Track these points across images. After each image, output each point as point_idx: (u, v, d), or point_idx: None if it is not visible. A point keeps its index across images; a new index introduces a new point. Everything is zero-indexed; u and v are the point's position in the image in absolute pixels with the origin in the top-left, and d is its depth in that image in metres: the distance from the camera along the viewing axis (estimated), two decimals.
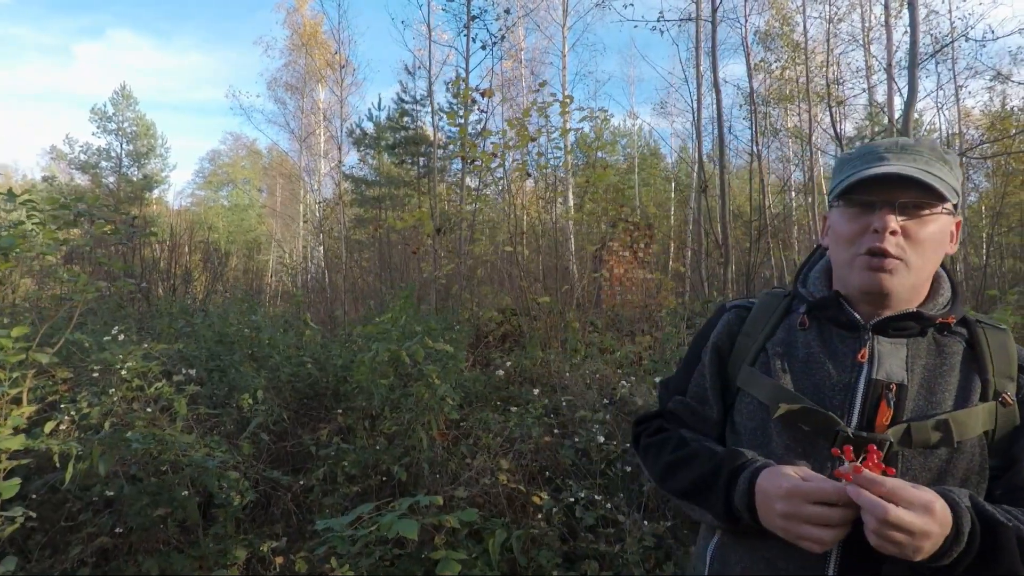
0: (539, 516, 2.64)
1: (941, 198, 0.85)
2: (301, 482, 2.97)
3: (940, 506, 0.70)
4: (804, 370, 0.92)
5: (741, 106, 14.37)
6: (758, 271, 8.37)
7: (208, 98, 77.10)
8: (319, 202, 14.05)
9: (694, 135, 11.07)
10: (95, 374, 2.90)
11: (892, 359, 0.87)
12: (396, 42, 33.39)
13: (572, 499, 2.65)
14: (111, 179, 26.66)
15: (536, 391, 3.63)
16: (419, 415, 3.04)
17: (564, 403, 3.58)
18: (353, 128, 15.72)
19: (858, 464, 0.73)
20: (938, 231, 0.87)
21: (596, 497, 2.68)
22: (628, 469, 2.99)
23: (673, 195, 21.34)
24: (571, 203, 11.58)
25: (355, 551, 2.38)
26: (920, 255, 0.86)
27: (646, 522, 2.63)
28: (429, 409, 2.98)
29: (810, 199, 14.66)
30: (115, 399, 2.69)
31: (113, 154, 27.09)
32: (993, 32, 13.16)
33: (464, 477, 3.04)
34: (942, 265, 0.96)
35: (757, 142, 10.60)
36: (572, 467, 3.16)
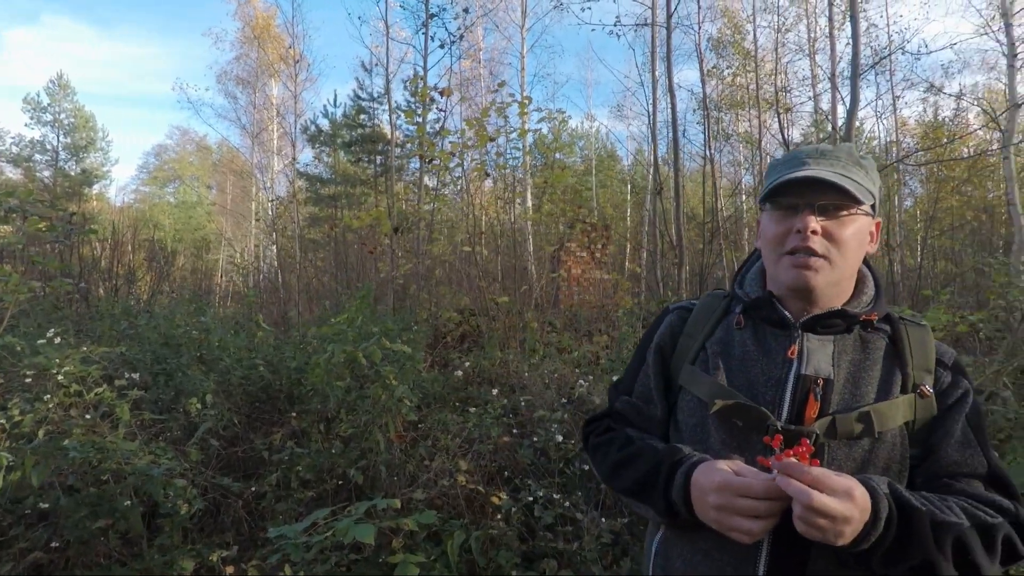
0: (498, 516, 2.64)
1: (856, 200, 0.90)
2: (253, 488, 2.87)
3: (860, 492, 0.74)
4: (740, 367, 0.96)
5: (695, 111, 14.76)
6: (711, 271, 8.60)
7: (154, 91, 73.96)
8: (272, 200, 13.65)
9: (650, 138, 11.29)
10: (28, 379, 2.74)
11: (820, 355, 0.92)
12: (353, 38, 32.94)
13: (531, 498, 2.65)
14: (46, 173, 25.25)
15: (495, 391, 3.63)
16: (376, 417, 2.99)
17: (523, 403, 3.59)
18: (308, 125, 15.36)
19: (784, 452, 0.77)
20: (857, 231, 0.92)
21: (554, 496, 2.69)
22: (586, 467, 3.02)
23: (629, 197, 21.71)
24: (530, 204, 11.63)
25: (310, 558, 2.32)
26: (841, 253, 0.91)
27: (603, 519, 2.66)
28: (386, 411, 2.94)
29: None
30: (50, 406, 2.54)
31: (48, 147, 25.66)
32: (927, 46, 13.91)
33: (422, 479, 3.01)
34: (868, 265, 1.02)
35: (710, 146, 10.90)
36: (531, 466, 3.17)
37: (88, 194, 25.96)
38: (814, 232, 0.89)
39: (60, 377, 2.63)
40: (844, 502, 0.72)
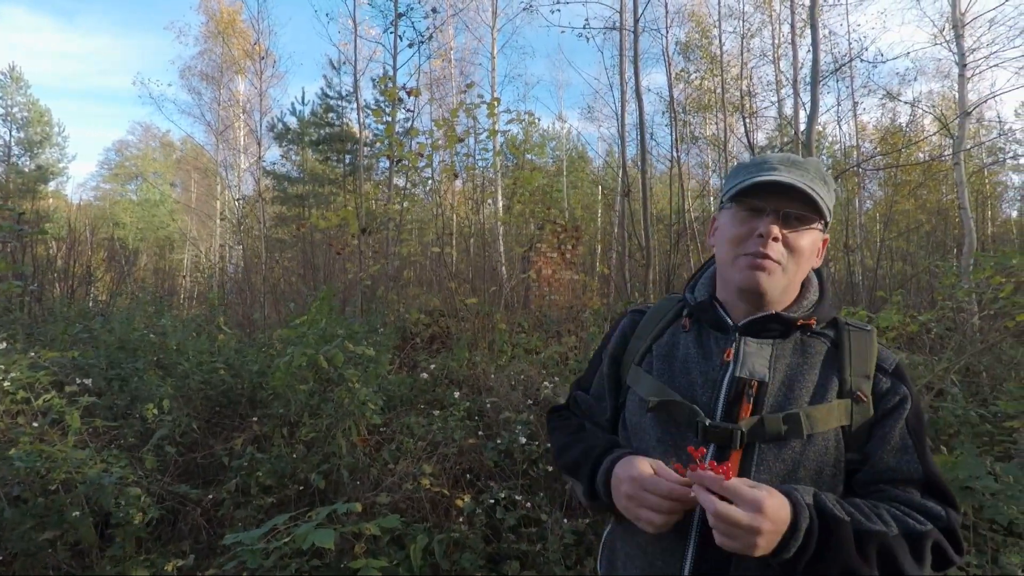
0: (460, 519, 2.64)
1: (820, 213, 0.93)
2: (211, 495, 2.81)
3: (772, 504, 0.75)
4: (682, 369, 0.99)
5: (663, 113, 14.95)
6: (678, 272, 8.73)
7: (115, 85, 71.54)
8: (238, 199, 13.36)
9: (619, 140, 11.40)
10: None
11: (756, 358, 0.94)
12: (320, 35, 32.39)
13: (492, 500, 2.66)
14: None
15: (457, 393, 3.62)
16: (339, 421, 2.96)
17: (488, 405, 3.59)
18: (275, 122, 15.06)
19: (701, 464, 0.79)
20: (810, 244, 0.95)
21: (517, 497, 2.70)
22: (550, 468, 3.04)
23: (600, 198, 21.89)
24: (500, 205, 11.66)
25: (269, 565, 2.28)
26: (795, 263, 0.94)
27: (566, 520, 2.68)
28: (350, 414, 2.91)
29: None
30: None
31: (0, 142, 24.63)
32: (883, 55, 14.36)
33: (386, 483, 2.99)
34: (818, 272, 1.05)
35: (677, 148, 11.06)
36: (496, 468, 3.17)
37: (43, 191, 25.00)
38: (775, 239, 0.91)
39: (6, 384, 2.54)
40: (752, 514, 0.74)
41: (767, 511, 0.74)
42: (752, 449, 0.89)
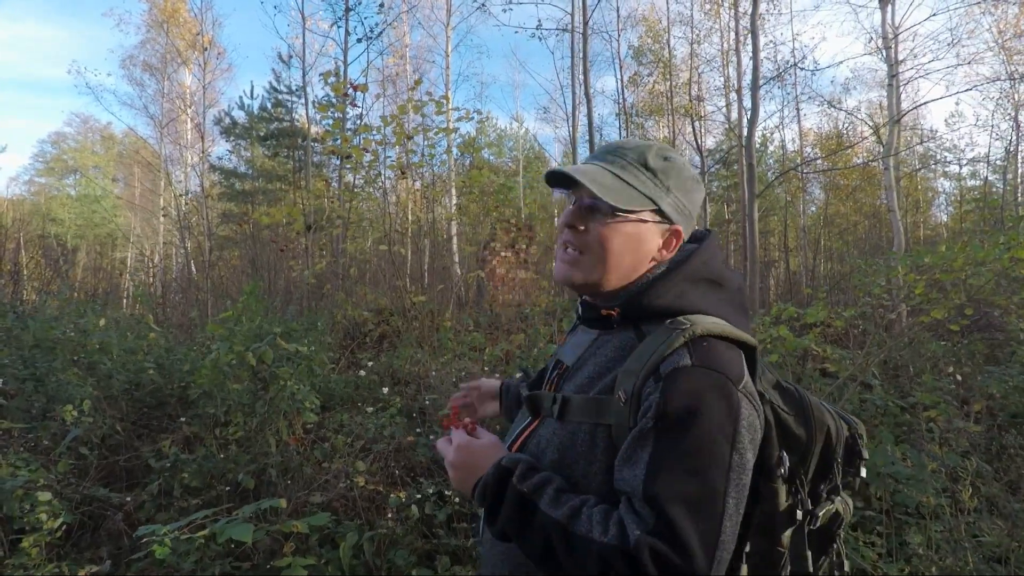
0: (388, 516, 2.63)
1: (607, 204, 0.87)
2: (129, 499, 2.71)
3: (467, 444, 0.94)
4: (559, 351, 1.09)
5: (616, 115, 15.21)
6: None
7: (51, 75, 67.76)
8: (182, 195, 12.89)
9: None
10: None
11: (575, 345, 1.02)
12: (268, 28, 31.51)
13: (419, 495, 2.65)
14: None
15: (386, 389, 3.61)
16: (270, 419, 2.90)
17: (428, 402, 3.58)
18: (222, 116, 14.60)
19: (455, 421, 1.04)
20: (623, 236, 0.89)
21: (446, 492, 2.70)
22: None
23: (555, 198, 22.06)
24: (454, 203, 11.62)
25: (188, 567, 2.21)
26: (596, 254, 0.90)
27: None
28: (279, 413, 2.85)
29: None
30: None
31: None
32: (816, 63, 14.98)
33: (320, 482, 2.94)
34: (680, 262, 0.94)
35: None
36: (434, 464, 3.17)
37: None
38: (569, 227, 0.93)
39: None
40: (455, 451, 0.93)
41: (459, 446, 0.94)
42: (540, 423, 0.97)
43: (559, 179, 0.93)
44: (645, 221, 0.91)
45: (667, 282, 0.91)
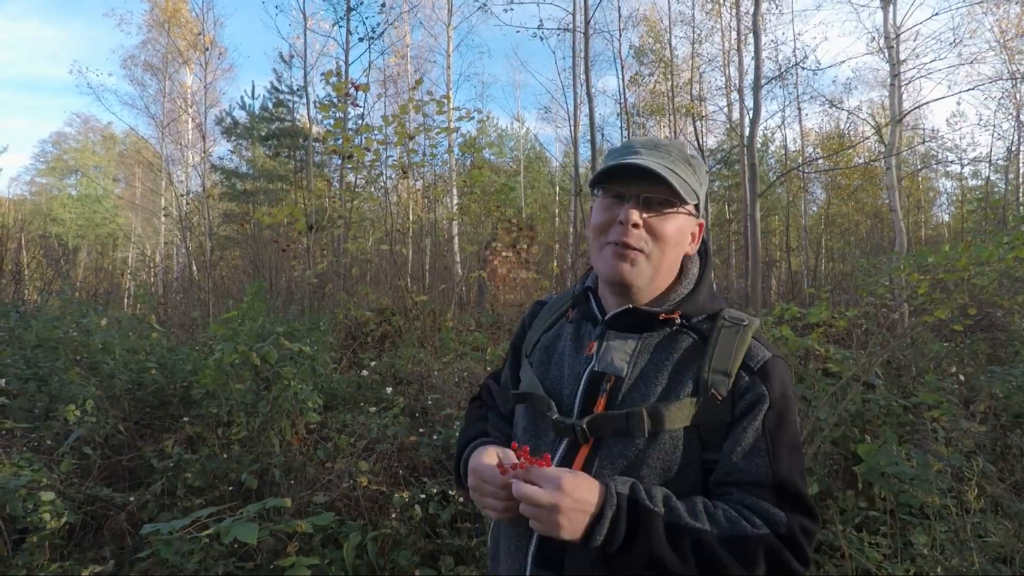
0: (392, 516, 2.62)
1: (681, 197, 0.89)
2: (132, 498, 2.71)
3: (572, 482, 0.76)
4: (558, 362, 1.00)
5: (617, 115, 15.21)
6: None
7: (52, 75, 67.71)
8: (183, 195, 12.89)
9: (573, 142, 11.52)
10: None
11: (617, 353, 0.93)
12: (270, 28, 31.46)
13: (422, 495, 2.65)
14: None
15: (389, 389, 3.60)
16: (273, 419, 2.90)
17: (431, 401, 3.58)
18: (223, 116, 14.60)
19: (524, 463, 0.81)
20: (676, 230, 0.91)
21: (449, 492, 2.70)
22: None
23: (557, 198, 22.08)
24: (455, 202, 11.62)
25: (194, 565, 2.21)
26: (660, 249, 0.90)
27: None
28: (283, 413, 2.85)
29: None
30: None
31: None
32: (819, 63, 14.98)
33: (323, 481, 2.94)
34: (704, 264, 1.01)
35: None
36: (438, 465, 3.16)
37: None
38: (635, 225, 0.88)
39: None
40: (551, 491, 0.75)
41: (565, 487, 0.75)
42: (598, 444, 0.89)
43: (626, 173, 0.90)
44: (691, 215, 0.94)
45: (707, 280, 0.98)
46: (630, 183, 0.90)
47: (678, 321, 0.94)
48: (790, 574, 0.79)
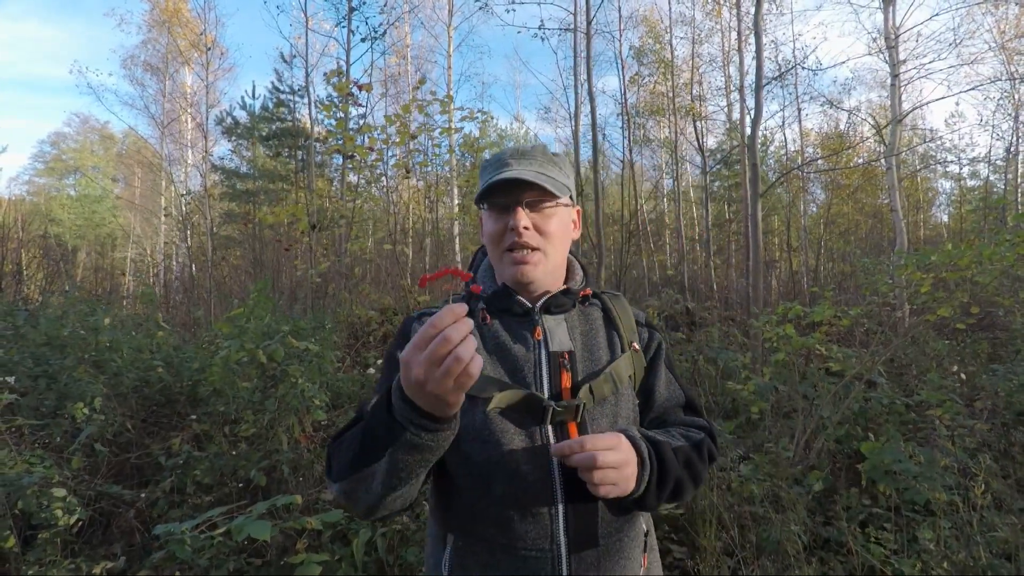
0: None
1: (554, 195, 1.00)
2: (143, 495, 2.72)
3: (623, 440, 0.87)
4: (499, 358, 1.00)
5: (618, 115, 15.23)
6: (629, 270, 8.92)
7: (52, 75, 67.67)
8: (183, 194, 12.89)
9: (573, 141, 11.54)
10: None
11: (559, 332, 1.04)
12: (271, 27, 31.46)
13: None
14: None
15: None
16: (281, 417, 2.91)
17: None
18: (224, 116, 14.59)
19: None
20: (560, 222, 1.04)
21: None
22: None
23: None
24: (456, 203, 11.63)
25: (204, 563, 2.23)
26: (551, 243, 1.02)
27: None
28: (291, 410, 2.86)
29: (678, 205, 15.89)
30: None
31: None
32: (819, 63, 15.00)
33: None
34: (572, 253, 1.15)
35: (630, 150, 11.28)
36: None
37: None
38: (526, 228, 0.99)
39: None
40: (619, 452, 0.85)
41: (624, 444, 0.87)
42: (582, 411, 0.98)
43: (505, 185, 0.99)
44: (568, 205, 1.07)
45: (583, 264, 1.17)
46: (509, 193, 1.00)
47: (591, 297, 1.12)
48: (713, 458, 1.05)
